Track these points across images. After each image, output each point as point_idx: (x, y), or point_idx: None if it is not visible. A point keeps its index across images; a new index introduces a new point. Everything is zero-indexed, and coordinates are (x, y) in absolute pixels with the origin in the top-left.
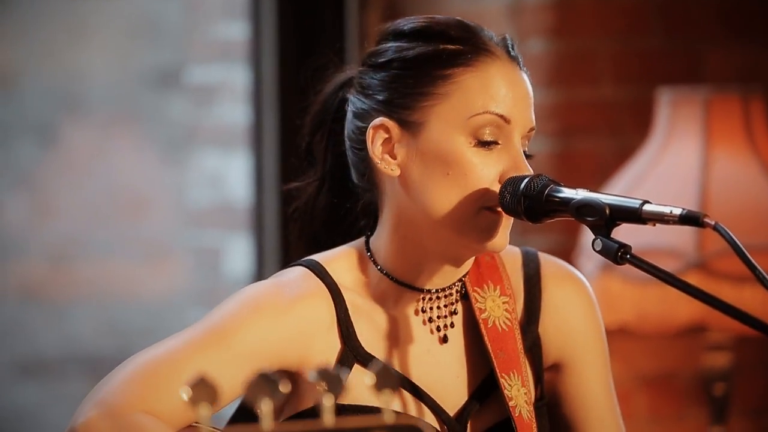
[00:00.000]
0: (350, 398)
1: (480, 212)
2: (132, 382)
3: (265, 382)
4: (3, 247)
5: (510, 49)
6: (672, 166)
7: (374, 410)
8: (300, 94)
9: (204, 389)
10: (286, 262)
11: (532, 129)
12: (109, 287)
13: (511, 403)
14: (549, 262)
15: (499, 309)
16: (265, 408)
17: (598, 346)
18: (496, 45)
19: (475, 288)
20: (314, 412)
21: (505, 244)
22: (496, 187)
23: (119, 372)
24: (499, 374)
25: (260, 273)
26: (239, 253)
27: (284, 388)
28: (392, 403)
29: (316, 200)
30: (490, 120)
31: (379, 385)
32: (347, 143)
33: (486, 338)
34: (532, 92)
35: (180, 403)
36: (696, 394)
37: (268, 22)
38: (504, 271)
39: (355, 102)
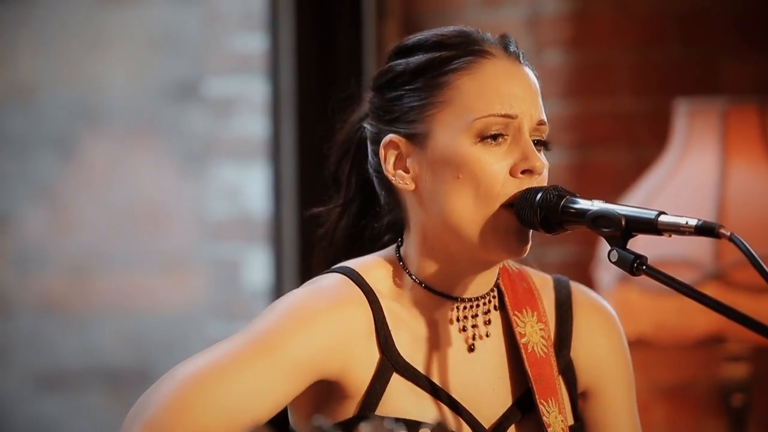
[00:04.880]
0: (389, 409)
1: (498, 212)
2: (180, 398)
3: None
4: (23, 260)
5: (508, 46)
6: (689, 177)
7: (412, 423)
8: (317, 106)
9: None
10: (305, 273)
11: (541, 122)
12: (129, 299)
13: (549, 430)
14: (580, 292)
15: (536, 335)
16: None
17: (625, 377)
18: (493, 44)
19: (516, 312)
20: (353, 423)
21: (528, 245)
22: (510, 182)
23: (163, 386)
24: (538, 400)
25: (279, 285)
26: (258, 265)
27: None
28: (420, 405)
29: (337, 226)
30: (494, 121)
31: None
32: (370, 169)
33: (526, 363)
34: (537, 85)
35: (229, 417)
36: (714, 405)
37: (286, 33)
38: (539, 298)
39: (369, 127)
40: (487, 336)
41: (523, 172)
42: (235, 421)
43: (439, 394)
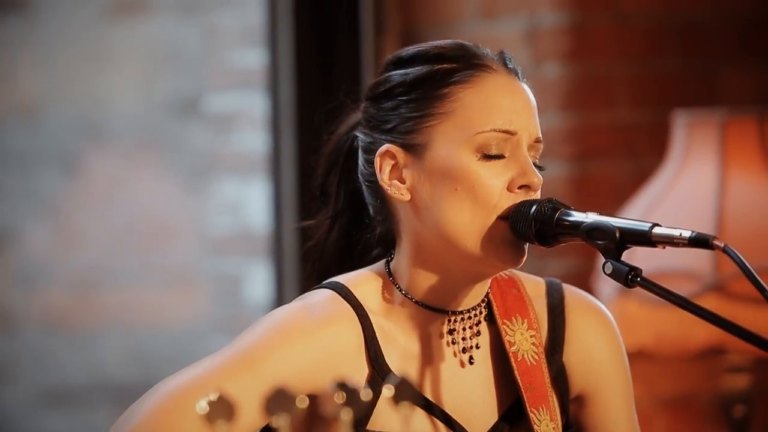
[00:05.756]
0: (379, 424)
1: (495, 223)
2: (161, 412)
3: (283, 398)
4: (27, 276)
5: (507, 62)
6: (688, 188)
7: None
8: (318, 121)
9: (222, 406)
10: (305, 288)
11: (538, 140)
12: (133, 315)
13: None
14: (573, 294)
15: (527, 342)
16: (283, 423)
17: (622, 379)
18: (493, 59)
19: (504, 321)
20: None
21: (524, 256)
22: (506, 196)
23: (146, 401)
24: (529, 409)
25: (280, 299)
26: (259, 279)
27: (301, 403)
28: (413, 420)
29: (327, 238)
30: (496, 136)
31: (397, 398)
32: (361, 179)
33: (516, 372)
34: (534, 102)
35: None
36: (715, 416)
37: (286, 49)
38: (530, 304)
39: (362, 137)
40: (477, 347)
41: (520, 188)
42: None
43: (432, 408)
